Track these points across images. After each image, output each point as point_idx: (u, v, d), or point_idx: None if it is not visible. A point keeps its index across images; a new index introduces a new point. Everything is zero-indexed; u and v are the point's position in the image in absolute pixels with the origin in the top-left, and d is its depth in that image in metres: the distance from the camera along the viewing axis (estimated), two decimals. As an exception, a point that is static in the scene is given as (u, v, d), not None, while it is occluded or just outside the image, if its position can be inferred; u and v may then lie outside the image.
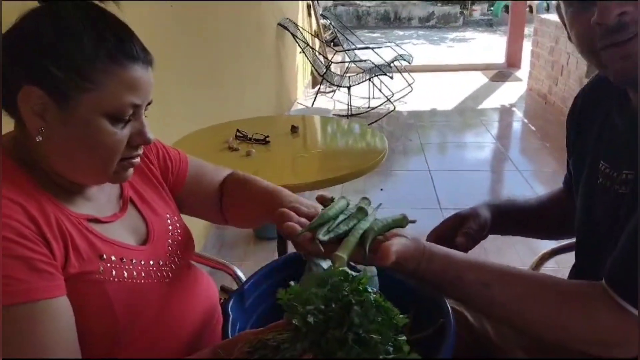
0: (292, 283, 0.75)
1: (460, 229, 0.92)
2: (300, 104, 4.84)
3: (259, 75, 3.56)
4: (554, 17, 4.56)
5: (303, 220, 0.68)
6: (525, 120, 4.48)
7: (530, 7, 8.84)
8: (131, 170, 0.71)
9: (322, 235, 0.63)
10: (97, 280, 0.66)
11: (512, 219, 1.00)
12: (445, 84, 5.89)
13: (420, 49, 8.61)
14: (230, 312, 0.75)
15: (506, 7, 9.34)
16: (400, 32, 10.76)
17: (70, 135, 0.64)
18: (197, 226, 2.21)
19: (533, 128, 4.25)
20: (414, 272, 0.64)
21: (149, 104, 0.69)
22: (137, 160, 0.71)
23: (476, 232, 0.92)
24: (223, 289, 1.20)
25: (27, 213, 0.60)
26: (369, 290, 0.64)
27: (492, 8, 11.91)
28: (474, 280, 0.64)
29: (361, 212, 0.68)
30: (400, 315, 0.66)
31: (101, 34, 0.62)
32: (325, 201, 0.73)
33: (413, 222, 0.70)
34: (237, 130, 1.66)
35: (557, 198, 1.02)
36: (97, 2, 0.65)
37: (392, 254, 0.60)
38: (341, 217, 0.67)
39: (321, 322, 0.62)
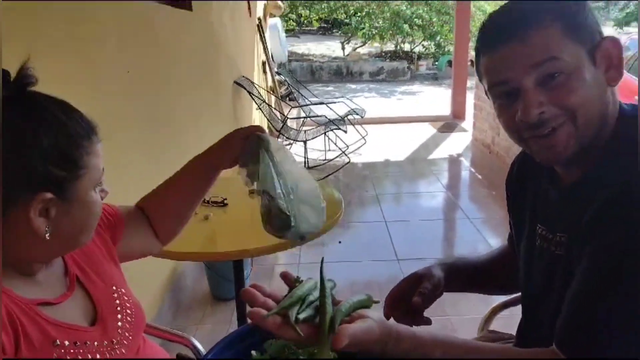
0: (253, 352, 0.77)
1: (416, 289, 0.97)
2: (257, 157, 4.90)
3: (217, 133, 3.59)
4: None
5: (269, 302, 0.67)
6: (472, 170, 4.72)
7: (472, 61, 9.52)
8: None
9: (295, 316, 0.63)
10: None
11: (464, 277, 1.07)
12: (397, 136, 6.15)
13: (371, 101, 8.99)
14: None
15: (449, 62, 9.99)
16: (353, 86, 11.23)
17: (72, 219, 0.69)
18: (152, 291, 2.15)
19: (480, 177, 4.49)
20: (382, 353, 0.65)
21: None
22: None
23: (431, 291, 0.97)
24: (180, 357, 1.17)
25: None
26: None
27: (436, 63, 12.72)
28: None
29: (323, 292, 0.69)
30: None
31: (75, 120, 0.68)
32: (289, 280, 0.73)
33: (376, 302, 0.73)
34: (195, 193, 1.67)
35: (503, 254, 1.09)
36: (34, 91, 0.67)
37: (345, 338, 0.61)
38: (310, 298, 0.67)
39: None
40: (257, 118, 5.20)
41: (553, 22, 0.67)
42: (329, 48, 15.32)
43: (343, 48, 14.10)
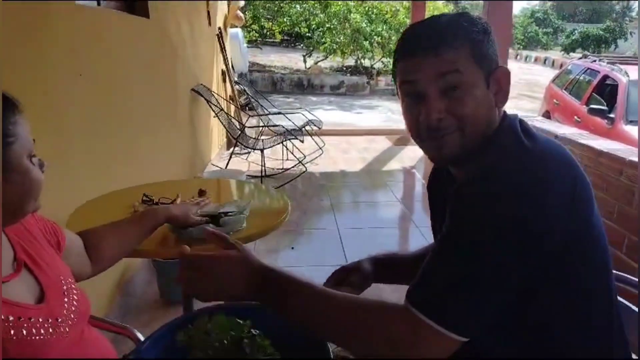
0: (189, 326, 0.84)
1: (346, 280, 1.08)
2: (215, 165, 4.91)
3: (173, 138, 3.62)
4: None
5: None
6: (424, 182, 4.91)
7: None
8: None
9: None
10: None
11: (392, 270, 1.17)
12: (354, 147, 6.31)
13: (331, 114, 9.17)
14: None
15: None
16: (314, 98, 11.39)
17: (12, 187, 0.76)
18: (100, 294, 2.14)
19: (430, 188, 4.68)
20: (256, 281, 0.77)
21: None
22: None
23: (358, 283, 1.08)
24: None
25: None
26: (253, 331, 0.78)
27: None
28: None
29: None
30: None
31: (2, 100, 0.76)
32: None
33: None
34: (144, 194, 1.71)
35: (429, 251, 1.21)
36: None
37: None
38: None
39: (220, 351, 0.76)
40: (215, 124, 5.22)
41: (462, 45, 0.80)
42: (291, 60, 15.47)
43: (305, 61, 14.29)
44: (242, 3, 6.73)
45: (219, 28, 5.81)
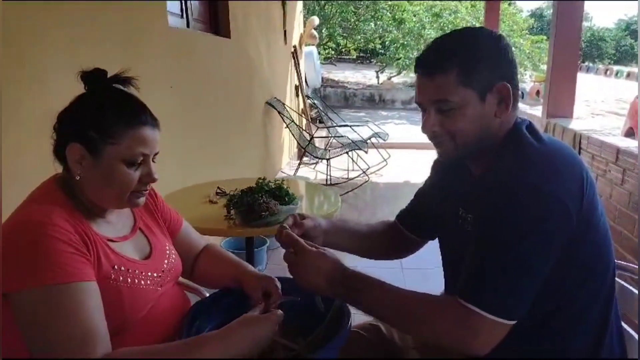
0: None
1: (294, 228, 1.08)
2: (284, 172, 5.25)
3: (246, 145, 3.99)
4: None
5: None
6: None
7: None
8: (142, 199, 0.97)
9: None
10: (110, 283, 0.90)
11: (340, 237, 1.23)
12: (419, 160, 6.38)
13: (401, 128, 9.27)
14: (190, 313, 1.05)
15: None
16: (384, 113, 11.55)
17: (99, 175, 0.90)
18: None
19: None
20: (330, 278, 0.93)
21: (157, 153, 0.98)
22: (146, 193, 0.98)
23: (305, 236, 1.09)
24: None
25: (76, 230, 0.85)
26: None
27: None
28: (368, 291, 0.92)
29: None
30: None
31: (123, 109, 0.93)
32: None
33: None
34: (218, 187, 2.02)
35: (386, 227, 1.32)
36: (121, 87, 0.97)
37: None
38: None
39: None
40: (287, 135, 5.58)
41: (451, 70, 0.91)
42: (365, 76, 15.77)
43: (377, 77, 14.51)
44: (316, 22, 7.12)
45: (294, 46, 6.22)
